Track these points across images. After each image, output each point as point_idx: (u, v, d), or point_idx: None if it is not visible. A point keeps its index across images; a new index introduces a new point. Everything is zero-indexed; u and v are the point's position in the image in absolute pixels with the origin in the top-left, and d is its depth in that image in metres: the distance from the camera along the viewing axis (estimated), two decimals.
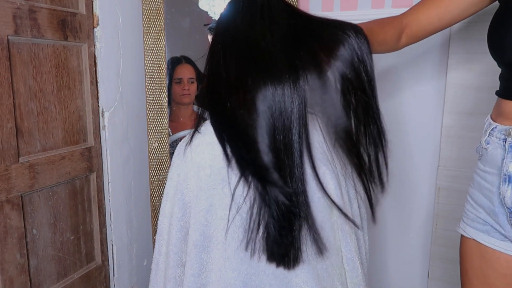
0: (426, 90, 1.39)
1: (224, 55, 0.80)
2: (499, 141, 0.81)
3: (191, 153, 0.82)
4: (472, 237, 0.89)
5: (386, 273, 1.54)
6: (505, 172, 0.79)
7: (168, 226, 0.84)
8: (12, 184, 0.98)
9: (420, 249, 1.46)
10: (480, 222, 0.87)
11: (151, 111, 1.30)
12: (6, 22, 0.94)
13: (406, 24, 0.95)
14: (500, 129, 0.82)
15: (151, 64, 1.29)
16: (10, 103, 0.97)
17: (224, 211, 0.78)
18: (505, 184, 0.79)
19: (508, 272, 0.84)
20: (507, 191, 0.79)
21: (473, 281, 0.90)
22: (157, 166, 1.33)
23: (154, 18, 1.28)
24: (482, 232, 0.87)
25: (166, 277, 0.85)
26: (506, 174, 0.79)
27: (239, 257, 0.78)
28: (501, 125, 0.82)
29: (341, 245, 0.84)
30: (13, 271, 1.00)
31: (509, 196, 0.79)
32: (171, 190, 0.84)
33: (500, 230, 0.83)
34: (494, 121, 0.85)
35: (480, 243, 0.87)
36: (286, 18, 0.79)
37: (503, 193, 0.80)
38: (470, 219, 0.90)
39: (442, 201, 1.34)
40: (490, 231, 0.85)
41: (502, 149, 0.81)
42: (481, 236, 0.87)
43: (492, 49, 0.83)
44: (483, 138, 0.86)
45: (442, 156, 1.34)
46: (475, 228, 0.88)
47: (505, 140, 0.80)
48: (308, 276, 0.79)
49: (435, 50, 1.36)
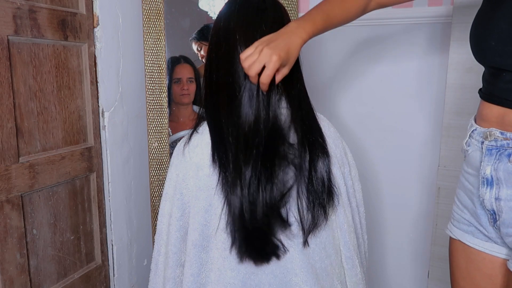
0: (426, 90, 1.39)
1: (217, 59, 0.81)
2: (478, 143, 0.81)
3: (190, 153, 0.82)
4: (458, 238, 0.88)
5: (386, 273, 1.54)
6: (483, 175, 0.79)
7: (167, 226, 0.84)
8: (12, 184, 0.98)
9: (420, 249, 1.46)
10: (465, 223, 0.87)
11: (151, 111, 1.31)
12: (6, 22, 0.94)
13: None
14: (479, 132, 0.81)
15: (151, 64, 1.29)
16: (10, 103, 0.97)
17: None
18: (484, 186, 0.79)
19: (493, 273, 0.84)
20: (485, 193, 0.78)
21: (460, 282, 0.90)
22: (157, 166, 1.33)
23: (154, 18, 1.28)
24: (467, 233, 0.86)
25: (166, 277, 0.85)
26: (484, 176, 0.78)
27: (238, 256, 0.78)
28: (480, 127, 0.81)
29: (340, 244, 0.84)
30: (13, 271, 1.00)
31: (488, 199, 0.78)
32: (170, 190, 0.84)
33: (484, 232, 0.83)
34: (475, 123, 0.83)
35: (466, 244, 0.87)
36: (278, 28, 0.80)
37: (482, 196, 0.79)
38: (456, 220, 0.90)
39: (442, 201, 1.34)
40: (475, 232, 0.85)
41: (480, 151, 0.80)
42: (466, 237, 0.87)
43: (473, 51, 0.81)
44: (464, 140, 0.85)
45: (442, 156, 1.34)
46: (460, 229, 0.88)
47: (482, 142, 0.79)
48: (307, 275, 0.79)
49: (436, 51, 1.36)
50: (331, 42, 1.50)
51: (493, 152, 0.77)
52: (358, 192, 0.93)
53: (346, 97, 1.52)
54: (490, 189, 0.78)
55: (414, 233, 1.47)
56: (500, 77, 0.76)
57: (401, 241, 1.49)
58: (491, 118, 0.78)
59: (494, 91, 0.78)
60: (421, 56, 1.38)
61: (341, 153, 0.88)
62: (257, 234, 0.77)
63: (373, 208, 1.50)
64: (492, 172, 0.77)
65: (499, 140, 0.76)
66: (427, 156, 1.41)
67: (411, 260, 1.49)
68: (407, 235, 1.48)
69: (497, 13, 0.75)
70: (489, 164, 0.77)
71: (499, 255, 0.82)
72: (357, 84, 1.49)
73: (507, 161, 0.75)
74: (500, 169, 0.76)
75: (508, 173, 0.75)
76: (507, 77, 0.74)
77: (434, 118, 1.39)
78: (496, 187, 0.77)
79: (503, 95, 0.75)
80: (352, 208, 0.89)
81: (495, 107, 0.77)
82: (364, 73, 1.49)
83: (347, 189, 0.88)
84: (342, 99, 1.52)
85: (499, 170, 0.76)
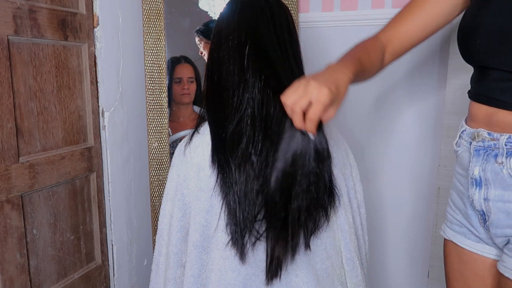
0: (426, 90, 1.39)
1: (218, 59, 0.81)
2: (467, 144, 0.80)
3: (191, 154, 0.82)
4: (451, 239, 0.88)
5: (386, 273, 1.54)
6: (471, 175, 0.78)
7: (168, 226, 0.84)
8: (12, 184, 0.98)
9: (420, 249, 1.46)
10: (458, 224, 0.87)
11: (151, 111, 1.30)
12: (6, 22, 0.94)
13: (387, 42, 0.88)
14: (468, 132, 0.80)
15: (151, 64, 1.29)
16: (10, 103, 0.97)
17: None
18: (473, 187, 0.79)
19: (486, 274, 0.83)
20: (474, 194, 0.78)
21: (454, 283, 0.90)
22: (157, 166, 1.33)
23: (154, 18, 1.28)
24: (459, 234, 0.86)
25: (166, 277, 0.85)
26: (472, 177, 0.78)
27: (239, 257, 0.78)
28: (469, 127, 0.80)
29: (341, 245, 0.84)
30: (13, 271, 1.00)
31: (477, 199, 0.78)
32: (171, 190, 0.84)
33: (475, 232, 0.83)
34: (465, 124, 0.83)
35: (458, 245, 0.87)
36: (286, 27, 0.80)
37: (471, 196, 0.79)
38: (449, 221, 0.90)
39: (442, 201, 1.34)
40: (466, 233, 0.85)
41: (468, 152, 0.80)
42: (458, 238, 0.87)
43: (460, 51, 0.80)
44: (454, 141, 0.85)
45: (442, 156, 1.34)
46: (453, 230, 0.88)
47: (470, 143, 0.79)
48: (308, 276, 0.79)
49: (436, 51, 1.36)
50: (331, 42, 1.49)
51: (480, 152, 0.77)
52: (359, 193, 0.93)
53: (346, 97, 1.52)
54: (479, 190, 0.78)
55: (414, 233, 1.47)
56: (487, 76, 0.75)
57: (401, 241, 1.49)
58: (480, 118, 0.78)
59: (482, 90, 0.77)
60: (421, 56, 1.38)
61: (342, 154, 0.88)
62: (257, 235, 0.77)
63: (373, 208, 1.50)
64: (481, 173, 0.77)
65: (486, 140, 0.76)
66: (427, 156, 1.41)
67: (411, 260, 1.49)
68: (407, 235, 1.48)
69: (482, 11, 0.74)
70: (477, 164, 0.77)
71: (490, 256, 0.83)
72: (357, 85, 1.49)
73: (494, 161, 0.75)
74: (487, 170, 0.76)
75: (496, 174, 0.75)
76: (494, 76, 0.74)
77: (434, 118, 1.38)
78: (484, 187, 0.77)
79: (490, 94, 0.75)
80: (353, 209, 0.89)
81: (482, 107, 0.77)
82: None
83: (348, 190, 0.88)
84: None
85: (486, 170, 0.76)
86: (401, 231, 1.49)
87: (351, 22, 1.43)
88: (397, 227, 1.49)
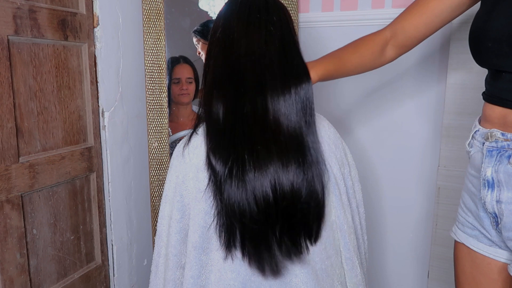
0: (426, 90, 1.39)
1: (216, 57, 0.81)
2: (479, 144, 0.80)
3: (189, 155, 0.81)
4: (463, 242, 0.88)
5: (386, 273, 1.54)
6: (484, 176, 0.78)
7: (167, 228, 0.84)
8: (12, 184, 0.98)
9: (420, 249, 1.46)
10: (470, 227, 0.86)
11: (151, 111, 1.30)
12: (6, 22, 0.94)
13: (392, 36, 0.94)
14: (481, 133, 0.80)
15: (151, 64, 1.29)
16: (10, 103, 0.97)
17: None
18: (485, 189, 0.78)
19: (499, 278, 0.83)
20: (486, 196, 0.78)
21: (465, 287, 0.89)
22: (157, 166, 1.33)
23: (154, 18, 1.28)
24: (472, 237, 0.86)
25: (166, 279, 0.85)
26: (485, 178, 0.78)
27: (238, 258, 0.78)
28: (483, 128, 0.81)
29: (340, 245, 0.84)
30: (13, 271, 1.00)
31: (489, 201, 0.78)
32: (170, 192, 0.84)
33: (487, 235, 0.82)
34: (479, 124, 0.83)
35: (470, 248, 0.86)
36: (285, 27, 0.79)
37: (483, 198, 0.79)
38: (461, 223, 0.89)
39: (442, 201, 1.34)
40: (479, 236, 0.84)
41: (481, 153, 0.79)
42: (470, 241, 0.86)
43: (472, 54, 0.81)
44: (467, 141, 0.85)
45: (442, 156, 1.34)
46: (465, 233, 0.87)
47: (483, 143, 0.79)
48: (307, 276, 0.78)
49: (436, 51, 1.36)
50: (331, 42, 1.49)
51: (493, 153, 0.77)
52: (358, 193, 0.93)
53: (346, 97, 1.52)
54: (491, 192, 0.77)
55: (414, 233, 1.47)
56: (500, 78, 0.76)
57: (401, 241, 1.49)
58: (494, 119, 0.78)
59: (495, 92, 0.78)
60: (421, 56, 1.38)
61: (341, 153, 0.88)
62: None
63: (373, 208, 1.50)
64: (493, 174, 0.76)
65: (499, 141, 0.76)
66: (427, 156, 1.41)
67: (411, 260, 1.49)
68: (407, 235, 1.48)
69: (492, 14, 0.75)
70: (490, 165, 0.77)
71: (502, 259, 0.82)
72: (357, 84, 1.49)
73: (507, 162, 0.74)
74: (500, 171, 0.75)
75: (508, 175, 0.74)
76: (506, 78, 0.74)
77: (434, 118, 1.38)
78: (497, 189, 0.76)
79: (504, 95, 0.75)
80: (352, 209, 0.88)
81: (497, 108, 0.77)
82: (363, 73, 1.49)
83: (347, 189, 0.87)
84: (342, 100, 1.52)
85: (499, 172, 0.75)
86: (401, 231, 1.49)
87: (351, 22, 1.43)
88: (396, 227, 1.49)
